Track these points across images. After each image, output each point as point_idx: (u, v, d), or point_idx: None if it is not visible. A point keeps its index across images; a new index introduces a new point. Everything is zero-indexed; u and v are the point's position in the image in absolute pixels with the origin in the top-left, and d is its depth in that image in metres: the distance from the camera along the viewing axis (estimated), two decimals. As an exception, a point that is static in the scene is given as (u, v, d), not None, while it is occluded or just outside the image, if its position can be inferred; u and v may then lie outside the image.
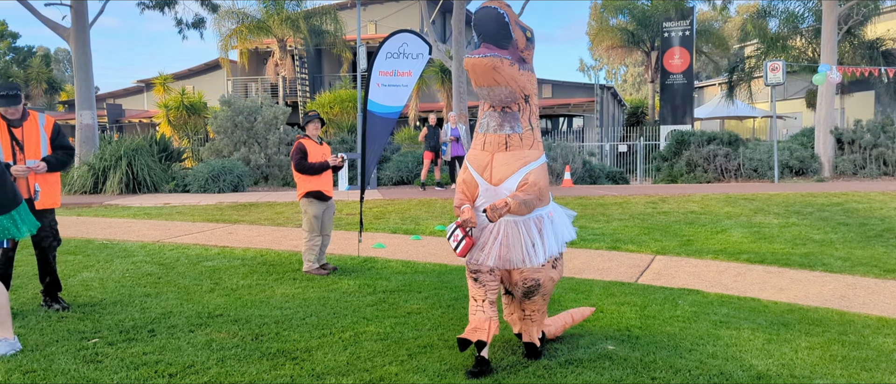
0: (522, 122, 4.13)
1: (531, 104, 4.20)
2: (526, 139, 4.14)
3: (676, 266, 7.32)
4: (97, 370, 4.17)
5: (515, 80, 4.00)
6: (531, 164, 4.10)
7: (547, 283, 4.28)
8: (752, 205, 11.52)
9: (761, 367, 4.24)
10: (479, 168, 4.15)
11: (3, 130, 5.20)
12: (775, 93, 18.56)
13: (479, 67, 3.89)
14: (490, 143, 4.13)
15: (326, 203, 7.13)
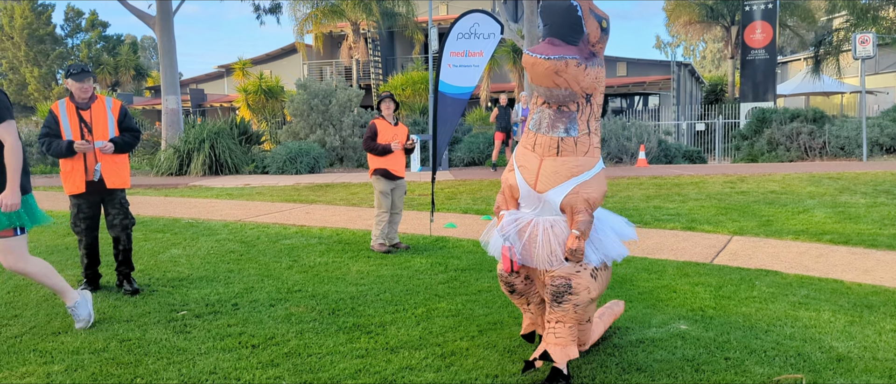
0: (579, 125, 3.65)
1: (593, 104, 3.69)
2: (581, 144, 3.65)
3: (754, 247, 7.14)
4: (186, 340, 4.42)
5: (578, 81, 3.52)
6: (584, 174, 3.63)
7: (581, 291, 3.65)
8: (838, 185, 11.07)
9: (842, 349, 4.12)
10: (524, 170, 3.74)
11: (73, 113, 5.29)
12: (865, 67, 17.68)
13: (539, 69, 3.46)
14: (540, 145, 3.68)
15: (395, 182, 7.26)
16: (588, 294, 3.67)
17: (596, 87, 3.64)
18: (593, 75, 3.57)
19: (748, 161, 17.67)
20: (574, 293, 3.63)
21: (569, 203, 3.60)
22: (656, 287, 5.66)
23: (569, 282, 3.62)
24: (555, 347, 3.68)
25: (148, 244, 7.65)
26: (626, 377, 3.74)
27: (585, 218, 3.59)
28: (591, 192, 3.61)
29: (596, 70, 3.59)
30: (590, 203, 3.60)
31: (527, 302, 3.99)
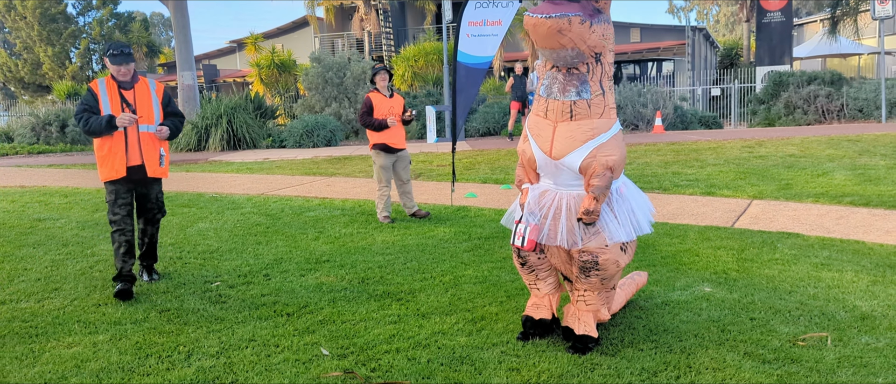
0: (592, 86, 3.52)
1: (604, 63, 3.55)
2: (595, 106, 3.53)
3: (774, 210, 7.18)
4: (223, 309, 4.55)
5: (585, 40, 3.39)
6: (601, 136, 3.52)
7: (609, 266, 3.62)
8: (857, 147, 11.04)
9: (865, 308, 4.19)
10: (538, 138, 3.64)
11: (114, 92, 4.86)
12: (884, 27, 17.46)
13: (541, 29, 3.32)
14: (553, 111, 3.57)
15: (396, 155, 7.33)
16: (616, 267, 3.65)
17: (604, 45, 3.50)
18: (600, 32, 3.43)
19: (765, 125, 17.59)
20: (601, 268, 3.62)
21: (587, 166, 3.51)
22: (679, 251, 5.73)
23: (596, 258, 3.59)
24: (586, 313, 3.74)
25: (176, 219, 7.79)
26: (654, 338, 3.83)
27: (602, 182, 3.50)
28: (609, 155, 3.51)
29: (602, 27, 3.44)
30: (609, 166, 3.50)
31: (536, 277, 3.93)
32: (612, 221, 3.63)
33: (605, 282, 3.69)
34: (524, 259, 3.87)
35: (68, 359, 3.76)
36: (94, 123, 4.76)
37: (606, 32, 3.48)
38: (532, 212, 3.73)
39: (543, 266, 3.90)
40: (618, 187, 3.73)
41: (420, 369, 3.52)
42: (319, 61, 19.19)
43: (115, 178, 4.88)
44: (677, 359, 3.54)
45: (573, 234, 3.62)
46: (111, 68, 4.85)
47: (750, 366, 3.43)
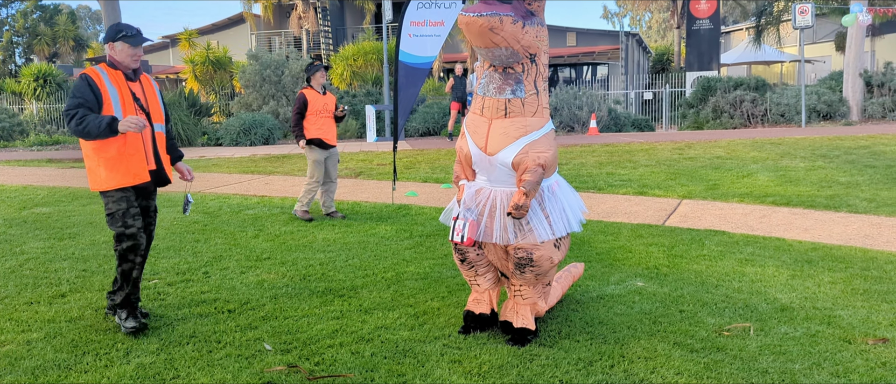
0: (526, 85, 3.64)
1: (539, 64, 3.67)
2: (529, 104, 3.65)
3: (702, 209, 7.49)
4: (162, 307, 4.50)
5: (518, 39, 3.49)
6: (533, 133, 3.64)
7: (542, 262, 3.73)
8: (779, 150, 11.58)
9: (785, 300, 4.45)
10: (475, 135, 3.75)
11: (122, 85, 4.00)
12: (804, 36, 18.34)
13: (474, 28, 3.40)
14: (488, 108, 3.69)
15: (328, 150, 7.37)
16: (549, 263, 3.76)
17: (539, 46, 3.62)
18: (533, 34, 3.55)
19: (694, 128, 18.22)
20: (535, 265, 3.73)
21: (519, 162, 3.61)
22: (613, 247, 5.94)
23: (530, 255, 3.70)
24: (523, 306, 3.87)
25: (109, 216, 7.60)
26: (590, 330, 3.99)
27: (533, 178, 3.58)
28: (541, 152, 3.62)
29: (536, 29, 3.57)
30: (540, 163, 3.61)
31: (475, 273, 4.01)
32: (542, 220, 3.72)
33: (540, 277, 3.82)
34: (463, 255, 3.95)
35: (1, 358, 3.66)
36: (91, 124, 3.81)
37: (540, 34, 3.61)
38: (469, 208, 3.81)
39: (482, 262, 3.99)
40: (550, 185, 3.82)
41: (364, 362, 3.57)
42: (256, 59, 18.94)
43: (132, 183, 4.01)
44: (611, 349, 3.70)
45: (508, 231, 3.72)
46: (124, 52, 3.96)
47: (679, 355, 3.61)
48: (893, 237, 6.07)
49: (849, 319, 4.07)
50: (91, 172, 4.02)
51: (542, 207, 3.75)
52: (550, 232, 3.72)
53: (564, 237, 3.84)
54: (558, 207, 3.80)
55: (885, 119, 16.86)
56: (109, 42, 3.99)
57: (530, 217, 3.71)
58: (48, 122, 22.18)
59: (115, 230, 4.01)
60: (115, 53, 3.98)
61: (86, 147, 4.00)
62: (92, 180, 4.03)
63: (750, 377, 3.33)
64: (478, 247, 3.94)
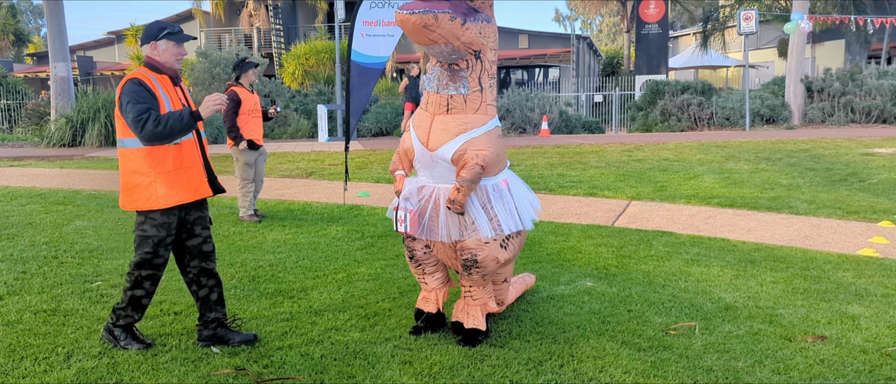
0: (469, 82, 3.62)
1: (484, 61, 3.64)
2: (471, 101, 3.64)
3: (650, 210, 7.63)
4: (104, 309, 4.38)
5: (456, 36, 3.47)
6: (473, 130, 3.62)
7: (488, 262, 3.70)
8: (724, 152, 11.87)
9: (729, 299, 4.56)
10: (418, 129, 3.73)
11: (171, 89, 3.71)
12: (748, 42, 18.85)
13: (408, 25, 3.37)
14: (432, 104, 3.70)
15: (258, 151, 7.29)
16: (495, 264, 3.73)
17: (483, 43, 3.59)
18: (476, 31, 3.52)
19: (643, 131, 18.56)
20: (480, 266, 3.70)
21: (458, 158, 3.60)
22: (563, 248, 6.00)
23: (475, 255, 3.68)
24: (473, 307, 3.85)
25: (50, 217, 7.37)
26: (540, 330, 4.02)
27: (469, 175, 3.56)
28: (480, 149, 3.59)
29: (479, 25, 3.54)
30: (480, 159, 3.58)
31: (423, 272, 3.99)
32: (485, 220, 3.68)
33: (487, 278, 3.80)
34: (411, 253, 3.94)
35: (-68, 364, 3.52)
36: (172, 120, 3.47)
37: (484, 31, 3.58)
38: (407, 198, 3.76)
39: (430, 261, 3.97)
40: (497, 183, 3.78)
41: (313, 365, 3.54)
42: (206, 56, 18.60)
43: (193, 198, 3.66)
44: (561, 348, 3.73)
45: (451, 229, 3.71)
46: (169, 52, 3.66)
47: (627, 353, 3.67)
48: (832, 238, 6.28)
49: (789, 318, 4.19)
50: (143, 189, 3.55)
51: (487, 206, 3.70)
52: (493, 230, 3.69)
53: (513, 236, 3.80)
54: (507, 206, 3.76)
55: (825, 123, 17.45)
56: (152, 41, 3.65)
57: (474, 215, 3.68)
58: (-14, 118, 21.40)
59: (142, 256, 3.61)
60: (157, 54, 3.64)
61: (138, 161, 3.55)
62: (144, 198, 3.55)
63: (695, 375, 3.40)
64: (425, 245, 3.91)
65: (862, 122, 17.31)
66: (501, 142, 3.76)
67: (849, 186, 8.69)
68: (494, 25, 3.67)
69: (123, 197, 3.63)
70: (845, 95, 17.65)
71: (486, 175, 3.68)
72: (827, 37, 29.23)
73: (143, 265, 3.63)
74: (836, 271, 5.22)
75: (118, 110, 3.57)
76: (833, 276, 5.08)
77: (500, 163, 3.75)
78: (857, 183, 8.92)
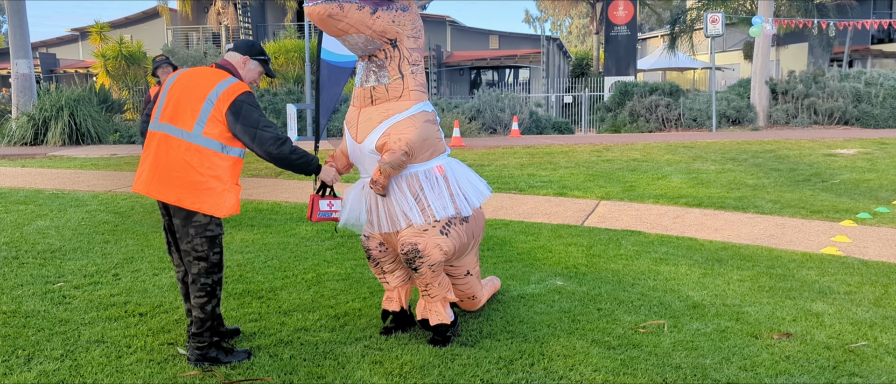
0: (389, 71, 3.62)
1: (403, 49, 3.64)
2: (393, 90, 3.63)
3: (620, 210, 7.69)
4: (67, 310, 4.28)
5: (368, 25, 3.46)
6: (395, 116, 3.61)
7: (430, 251, 3.61)
8: (691, 153, 12.02)
9: (697, 298, 4.61)
10: (349, 125, 3.76)
11: None
12: (715, 45, 19.12)
13: (314, 17, 3.35)
14: (357, 98, 3.71)
15: None
16: (439, 251, 3.63)
17: (399, 31, 3.59)
18: (388, 19, 3.52)
19: (612, 131, 18.72)
20: (424, 255, 3.60)
21: (382, 146, 3.59)
22: (533, 248, 6.02)
23: (415, 246, 3.59)
24: (433, 303, 3.79)
25: (10, 216, 7.20)
26: (511, 329, 4.02)
27: (390, 159, 3.52)
28: (402, 132, 3.57)
29: (393, 14, 3.54)
30: (402, 144, 3.54)
31: (382, 271, 3.95)
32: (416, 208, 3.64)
33: (435, 269, 3.67)
34: (368, 252, 3.90)
35: None
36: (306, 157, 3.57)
37: (400, 19, 3.57)
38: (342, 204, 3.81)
39: (386, 258, 3.91)
40: (431, 169, 3.70)
41: (282, 365, 3.49)
42: (173, 54, 18.34)
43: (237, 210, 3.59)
44: (531, 347, 3.74)
45: (392, 219, 3.68)
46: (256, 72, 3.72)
47: (597, 352, 3.68)
48: (796, 237, 6.38)
49: (756, 315, 4.25)
50: (216, 195, 3.43)
51: (419, 194, 3.65)
52: (425, 218, 3.63)
53: (456, 222, 3.73)
54: (440, 193, 3.70)
55: (789, 125, 17.76)
56: (246, 56, 3.65)
57: (405, 206, 3.64)
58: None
59: (216, 257, 3.51)
60: (245, 71, 3.65)
61: (223, 168, 3.45)
62: (213, 203, 3.43)
63: (664, 373, 3.43)
64: (379, 243, 3.86)
65: (824, 124, 17.65)
66: (431, 126, 3.72)
67: (812, 186, 8.85)
68: (414, 14, 3.67)
69: (187, 195, 3.41)
70: (809, 97, 17.99)
71: (415, 160, 3.64)
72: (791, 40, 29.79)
73: (218, 267, 3.53)
74: (800, 269, 5.31)
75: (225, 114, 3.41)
76: (797, 274, 5.17)
77: (430, 148, 3.70)
78: (821, 183, 9.09)
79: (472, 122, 17.76)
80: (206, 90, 3.44)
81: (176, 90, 3.51)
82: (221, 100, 3.41)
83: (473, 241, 3.95)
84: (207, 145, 3.43)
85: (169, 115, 3.47)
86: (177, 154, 3.42)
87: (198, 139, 3.42)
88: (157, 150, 3.47)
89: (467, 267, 3.98)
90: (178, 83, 3.53)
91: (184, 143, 3.42)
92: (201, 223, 3.45)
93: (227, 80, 3.46)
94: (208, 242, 3.47)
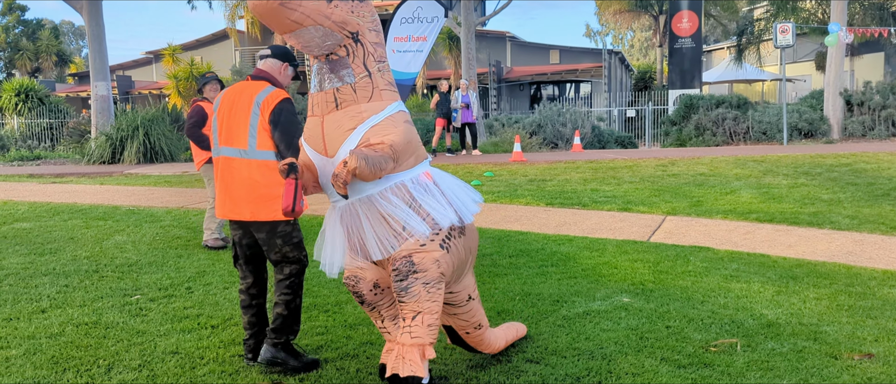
0: (355, 69, 3.13)
1: (365, 43, 3.15)
2: (361, 89, 3.13)
3: (687, 225, 7.52)
4: (144, 322, 4.44)
5: (325, 14, 3.01)
6: (371, 118, 3.11)
7: (427, 265, 3.10)
8: (762, 167, 11.68)
9: (771, 316, 4.46)
10: (311, 139, 3.22)
11: None
12: (785, 55, 18.58)
13: (260, 10, 2.92)
14: (318, 105, 3.18)
15: None
16: (437, 268, 3.12)
17: (360, 23, 3.13)
18: (347, 9, 3.07)
19: (677, 145, 18.35)
20: (419, 270, 3.09)
21: None
22: (598, 263, 5.94)
23: (410, 258, 3.10)
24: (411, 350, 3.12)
25: (90, 232, 7.51)
26: (577, 346, 3.97)
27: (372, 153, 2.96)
28: (385, 135, 3.07)
29: (352, 4, 3.09)
30: (386, 145, 3.04)
31: (380, 317, 3.42)
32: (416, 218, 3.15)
33: (430, 289, 3.11)
34: (360, 298, 3.36)
35: (-22, 375, 3.59)
36: None
37: (358, 10, 3.13)
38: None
39: (384, 302, 3.39)
40: (419, 176, 3.23)
41: (349, 379, 3.53)
42: (241, 74, 18.90)
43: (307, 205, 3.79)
44: (599, 365, 3.68)
45: (384, 241, 3.16)
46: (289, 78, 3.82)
47: (666, 370, 3.60)
48: (876, 254, 6.12)
49: (834, 335, 4.08)
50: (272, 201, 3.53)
51: (413, 204, 3.16)
52: (429, 227, 3.14)
53: (456, 234, 3.23)
54: (436, 198, 3.22)
55: (866, 137, 17.08)
56: (285, 63, 3.75)
57: (403, 219, 3.12)
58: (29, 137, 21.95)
59: (306, 258, 3.73)
60: (283, 77, 3.75)
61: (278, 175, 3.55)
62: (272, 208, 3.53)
63: (737, 392, 3.32)
64: (373, 284, 3.33)
65: (904, 136, 16.92)
66: (412, 129, 3.23)
67: (892, 201, 8.48)
68: (368, 5, 3.20)
69: (261, 208, 3.53)
70: (886, 108, 17.27)
71: (398, 168, 3.13)
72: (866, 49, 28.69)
73: (305, 266, 3.73)
74: (881, 287, 5.08)
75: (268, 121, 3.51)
76: (879, 293, 4.95)
77: (413, 152, 3.21)
78: (901, 197, 8.70)
79: (532, 137, 17.69)
80: (249, 104, 3.56)
81: (223, 112, 3.66)
82: (263, 109, 3.53)
83: (470, 258, 3.45)
84: (265, 157, 3.54)
85: (225, 138, 3.62)
86: (241, 173, 3.55)
87: (255, 154, 3.54)
88: (223, 174, 3.63)
89: (468, 291, 3.47)
90: (224, 104, 3.67)
91: (244, 161, 3.55)
92: (286, 232, 3.62)
93: (266, 89, 3.59)
94: (295, 247, 3.66)
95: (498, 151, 16.52)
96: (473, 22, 18.68)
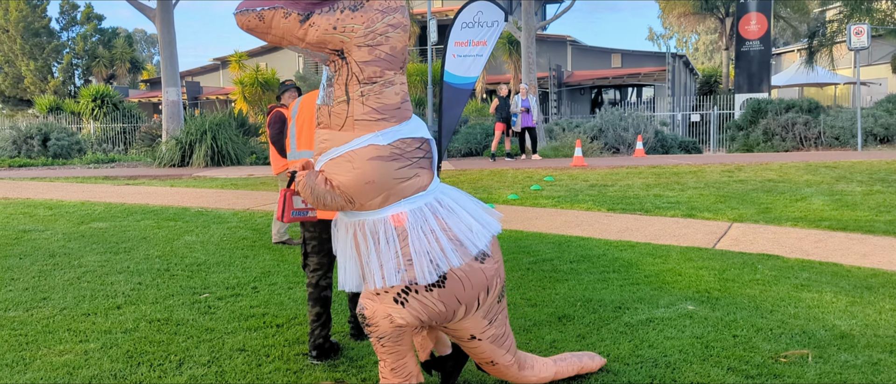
0: (336, 91, 2.86)
1: (351, 62, 2.81)
2: (335, 116, 2.86)
3: (754, 233, 7.32)
4: (212, 320, 4.58)
5: (297, 37, 2.75)
6: (332, 151, 2.88)
7: (378, 320, 2.91)
8: (834, 173, 11.28)
9: (844, 327, 4.31)
10: None
11: None
12: (859, 58, 17.89)
13: (239, 25, 2.74)
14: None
15: None
16: (388, 324, 2.90)
17: (345, 40, 2.77)
18: (327, 26, 2.73)
19: (744, 151, 17.88)
20: (371, 324, 2.93)
21: None
22: (661, 270, 5.83)
23: (363, 310, 2.95)
24: None
25: (162, 232, 7.79)
26: (640, 353, 3.91)
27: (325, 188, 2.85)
28: (336, 174, 2.85)
29: (334, 17, 2.74)
30: (337, 186, 2.85)
31: None
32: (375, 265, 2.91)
33: (385, 343, 2.94)
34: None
35: (60, 367, 3.76)
36: None
37: (344, 23, 2.76)
38: None
39: None
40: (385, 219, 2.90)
41: (411, 380, 3.56)
42: (304, 80, 19.29)
43: None
44: (663, 373, 3.62)
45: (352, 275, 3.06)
46: None
47: (734, 380, 3.52)
48: (958, 264, 5.84)
49: (913, 348, 3.91)
50: None
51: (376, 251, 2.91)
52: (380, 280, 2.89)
53: (420, 291, 2.88)
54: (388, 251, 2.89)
55: (946, 143, 16.33)
56: None
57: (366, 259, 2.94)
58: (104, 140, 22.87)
59: None
60: None
61: None
62: None
63: (809, 405, 3.22)
64: None
65: None
66: (384, 166, 2.83)
67: (976, 209, 8.07)
68: (367, 13, 2.78)
69: None
70: (969, 113, 16.48)
71: (361, 207, 2.88)
72: (947, 51, 27.41)
73: None
74: (964, 300, 4.84)
75: None
76: (961, 305, 4.72)
77: (382, 191, 2.86)
78: None
79: (593, 142, 17.50)
80: None
81: (302, 118, 3.84)
82: None
83: (468, 305, 3.01)
84: None
85: (304, 142, 3.79)
86: None
87: None
88: None
89: (470, 331, 3.12)
90: (302, 111, 3.87)
91: None
92: None
93: None
94: None
95: (558, 156, 16.40)
96: (534, 26, 18.61)
